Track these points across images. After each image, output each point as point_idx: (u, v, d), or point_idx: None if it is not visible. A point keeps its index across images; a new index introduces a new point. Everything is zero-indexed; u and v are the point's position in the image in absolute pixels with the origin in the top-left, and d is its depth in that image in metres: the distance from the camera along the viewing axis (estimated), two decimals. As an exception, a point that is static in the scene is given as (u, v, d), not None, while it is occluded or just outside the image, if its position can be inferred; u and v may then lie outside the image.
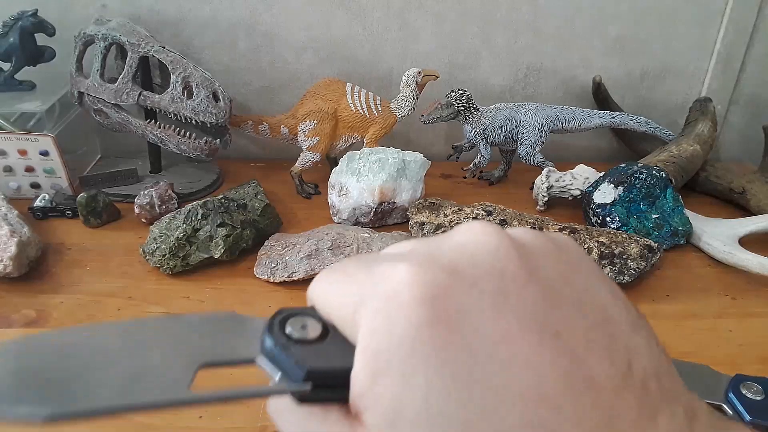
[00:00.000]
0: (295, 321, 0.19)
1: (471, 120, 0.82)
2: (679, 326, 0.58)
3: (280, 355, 0.18)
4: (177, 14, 0.87)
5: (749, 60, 0.96)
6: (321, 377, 0.17)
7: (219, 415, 0.44)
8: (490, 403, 0.15)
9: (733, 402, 0.44)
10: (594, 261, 0.20)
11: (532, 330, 0.16)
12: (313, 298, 0.20)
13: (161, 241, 0.63)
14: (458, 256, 0.17)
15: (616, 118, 0.85)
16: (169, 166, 0.86)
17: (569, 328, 0.17)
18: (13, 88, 0.79)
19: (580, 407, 0.15)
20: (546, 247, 0.19)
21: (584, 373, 0.16)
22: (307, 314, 0.19)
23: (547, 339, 0.16)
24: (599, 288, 0.19)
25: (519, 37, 0.93)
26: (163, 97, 0.74)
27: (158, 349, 0.18)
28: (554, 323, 0.16)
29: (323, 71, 0.91)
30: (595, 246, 0.62)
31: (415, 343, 0.16)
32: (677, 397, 0.17)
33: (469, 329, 0.16)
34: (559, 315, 0.17)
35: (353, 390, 0.17)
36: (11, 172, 0.75)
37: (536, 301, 0.17)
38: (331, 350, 0.18)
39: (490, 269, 0.17)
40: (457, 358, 0.15)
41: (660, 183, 0.72)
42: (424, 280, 0.16)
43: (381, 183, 0.71)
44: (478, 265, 0.17)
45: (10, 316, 0.55)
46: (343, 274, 0.19)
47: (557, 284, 0.18)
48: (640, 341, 0.18)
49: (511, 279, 0.17)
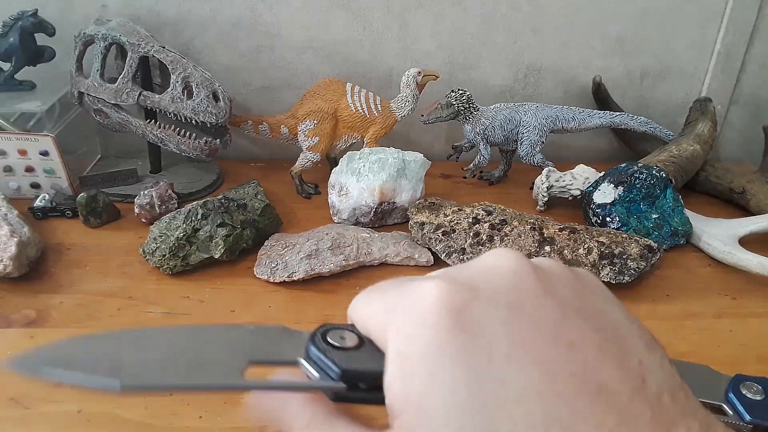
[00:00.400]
0: (335, 333, 0.22)
1: (471, 120, 0.82)
2: (679, 326, 0.58)
3: (319, 357, 0.21)
4: (177, 14, 0.87)
5: (749, 60, 0.96)
6: (354, 377, 0.20)
7: (219, 415, 0.44)
8: (510, 398, 0.16)
9: (733, 402, 0.44)
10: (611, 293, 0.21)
11: (546, 337, 0.17)
12: (352, 315, 0.22)
13: (161, 241, 0.63)
14: (483, 275, 0.19)
15: (616, 118, 0.85)
16: (169, 166, 0.86)
17: (583, 339, 0.18)
18: (13, 88, 0.79)
19: (595, 410, 0.16)
20: (563, 273, 0.21)
21: (597, 379, 0.17)
22: (346, 329, 0.22)
23: (561, 346, 0.17)
24: (614, 310, 0.20)
25: (519, 37, 0.93)
26: (163, 97, 0.74)
27: (215, 347, 0.21)
28: (568, 333, 0.18)
29: (323, 71, 0.91)
30: (595, 246, 0.62)
31: (441, 346, 0.17)
32: (693, 413, 0.18)
33: (488, 335, 0.17)
34: (574, 326, 0.18)
35: (388, 395, 0.18)
36: (11, 172, 0.75)
37: (551, 313, 0.18)
38: (364, 356, 0.21)
39: (509, 285, 0.19)
40: (478, 359, 0.17)
41: (660, 183, 0.72)
42: (448, 294, 0.18)
43: (381, 183, 0.71)
44: (499, 282, 0.19)
45: (10, 316, 0.55)
46: (378, 292, 0.21)
47: (573, 302, 0.19)
48: (654, 359, 0.18)
49: (528, 294, 0.19)
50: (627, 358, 0.18)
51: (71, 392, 0.46)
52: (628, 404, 0.16)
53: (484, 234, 0.64)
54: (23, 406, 0.45)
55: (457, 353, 0.17)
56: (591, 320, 0.18)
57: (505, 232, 0.64)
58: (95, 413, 0.44)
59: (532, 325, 0.18)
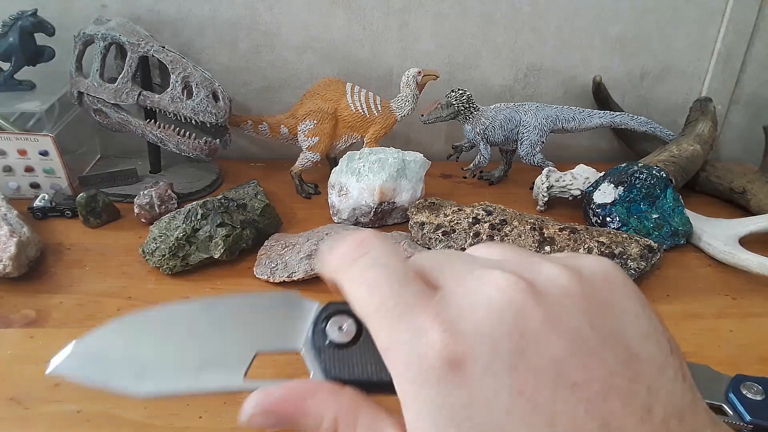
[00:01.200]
0: (335, 321, 0.22)
1: (471, 120, 0.82)
2: (679, 326, 0.58)
3: (315, 356, 0.21)
4: (177, 14, 0.87)
5: (749, 60, 0.96)
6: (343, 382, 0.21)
7: (219, 415, 0.45)
8: None
9: (733, 402, 0.44)
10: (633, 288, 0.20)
11: (547, 383, 0.17)
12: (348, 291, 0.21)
13: (161, 241, 0.63)
14: (483, 317, 0.18)
15: (616, 118, 0.85)
16: (169, 166, 0.86)
17: (586, 378, 0.17)
18: (12, 88, 0.79)
19: None
20: (572, 288, 0.19)
21: (600, 416, 0.17)
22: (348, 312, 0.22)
23: (563, 389, 0.17)
24: (631, 323, 0.19)
25: (519, 37, 0.93)
26: (162, 97, 0.74)
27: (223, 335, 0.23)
28: (571, 374, 0.17)
29: (323, 71, 0.91)
30: (595, 246, 0.62)
31: (444, 397, 0.17)
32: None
33: (488, 390, 0.17)
34: (578, 364, 0.17)
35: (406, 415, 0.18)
36: (11, 172, 0.75)
37: (554, 355, 0.17)
38: (357, 357, 0.21)
39: (510, 329, 0.18)
40: (480, 412, 0.17)
41: (660, 183, 0.72)
42: (450, 349, 0.18)
43: (381, 183, 0.71)
44: (501, 326, 0.18)
45: (9, 316, 0.55)
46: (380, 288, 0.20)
47: (581, 331, 0.18)
48: (665, 380, 0.18)
49: (529, 336, 0.18)
50: (634, 387, 0.17)
51: (71, 392, 0.46)
52: None
53: (484, 234, 0.64)
54: (23, 406, 0.45)
55: (460, 407, 0.17)
56: (600, 349, 0.18)
57: (505, 232, 0.64)
58: (95, 413, 0.44)
59: (532, 371, 0.17)
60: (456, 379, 0.17)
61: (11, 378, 0.47)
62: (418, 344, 0.18)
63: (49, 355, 0.22)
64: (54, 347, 0.22)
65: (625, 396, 0.17)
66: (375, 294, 0.20)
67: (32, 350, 0.51)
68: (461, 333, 0.18)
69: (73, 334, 0.22)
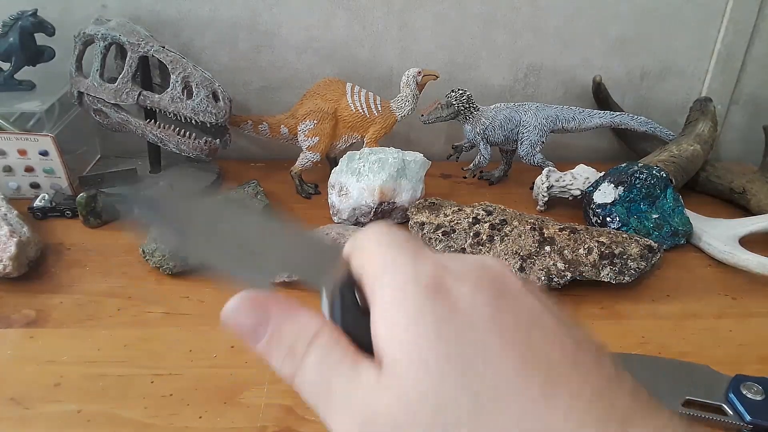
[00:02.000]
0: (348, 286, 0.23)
1: (471, 120, 0.82)
2: (679, 326, 0.58)
3: (331, 302, 0.23)
4: (177, 14, 0.87)
5: (749, 60, 0.96)
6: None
7: (219, 415, 0.44)
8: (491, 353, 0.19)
9: (733, 402, 0.45)
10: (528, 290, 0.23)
11: (521, 324, 0.21)
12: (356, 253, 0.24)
13: (161, 240, 0.62)
14: (471, 268, 0.22)
15: (616, 118, 0.85)
16: (169, 166, 0.86)
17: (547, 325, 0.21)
18: (12, 88, 0.79)
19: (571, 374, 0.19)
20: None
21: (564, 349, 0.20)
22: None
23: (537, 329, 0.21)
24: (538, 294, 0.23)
25: (519, 37, 0.93)
26: (162, 97, 0.74)
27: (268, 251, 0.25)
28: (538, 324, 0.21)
29: (323, 71, 0.91)
30: (595, 246, 0.62)
31: (425, 316, 0.20)
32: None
33: (466, 304, 0.20)
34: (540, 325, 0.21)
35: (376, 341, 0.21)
36: (11, 172, 0.75)
37: (529, 305, 0.21)
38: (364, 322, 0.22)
39: (493, 277, 0.22)
40: (459, 320, 0.20)
41: (660, 183, 0.72)
42: (442, 275, 0.21)
43: (381, 183, 0.71)
44: (485, 274, 0.22)
45: (9, 316, 0.55)
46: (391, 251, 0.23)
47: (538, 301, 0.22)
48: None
49: (507, 289, 0.21)
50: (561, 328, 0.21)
51: (71, 392, 0.46)
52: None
53: (484, 234, 0.64)
54: (23, 406, 0.45)
55: (441, 316, 0.20)
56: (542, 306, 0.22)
57: (505, 232, 0.64)
58: (95, 413, 0.44)
59: (512, 313, 0.20)
60: (441, 298, 0.20)
61: (11, 378, 0.47)
62: (415, 269, 0.21)
63: (49, 355, 0.22)
64: (54, 347, 0.22)
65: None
66: (383, 244, 0.23)
67: (32, 350, 0.51)
68: (452, 271, 0.21)
69: (73, 334, 0.22)
